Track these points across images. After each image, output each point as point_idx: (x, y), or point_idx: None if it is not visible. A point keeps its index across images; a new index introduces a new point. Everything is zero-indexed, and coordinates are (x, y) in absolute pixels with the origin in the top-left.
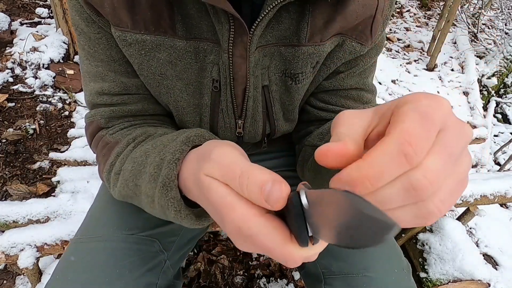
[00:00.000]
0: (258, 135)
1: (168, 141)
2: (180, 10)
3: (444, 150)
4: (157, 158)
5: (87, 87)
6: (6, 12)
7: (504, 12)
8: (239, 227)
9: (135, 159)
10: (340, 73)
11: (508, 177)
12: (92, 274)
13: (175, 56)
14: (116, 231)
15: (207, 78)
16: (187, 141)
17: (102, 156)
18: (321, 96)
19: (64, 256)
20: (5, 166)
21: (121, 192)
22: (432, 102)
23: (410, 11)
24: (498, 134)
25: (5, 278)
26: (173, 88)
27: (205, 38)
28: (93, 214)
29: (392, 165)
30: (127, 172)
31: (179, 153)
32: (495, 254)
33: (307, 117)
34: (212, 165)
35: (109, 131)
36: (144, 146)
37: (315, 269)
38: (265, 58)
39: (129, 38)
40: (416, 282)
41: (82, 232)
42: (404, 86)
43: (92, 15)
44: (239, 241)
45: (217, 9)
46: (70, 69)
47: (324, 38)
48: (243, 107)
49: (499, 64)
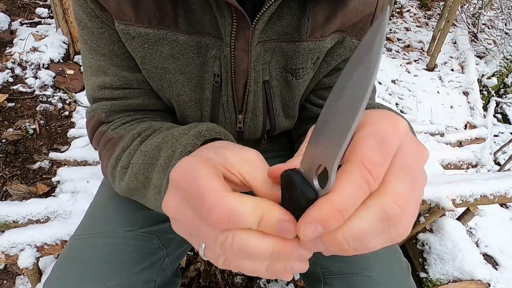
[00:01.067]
0: (258, 131)
1: (179, 135)
2: (183, 4)
3: (407, 174)
4: (169, 151)
5: (88, 81)
6: (6, 12)
7: (504, 12)
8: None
9: (146, 153)
10: (340, 70)
11: (508, 177)
12: (91, 269)
13: (178, 50)
14: (116, 227)
15: (208, 73)
16: (199, 135)
17: (106, 151)
18: (320, 93)
19: (64, 252)
20: (5, 166)
21: (128, 185)
22: (389, 126)
23: (410, 11)
24: (498, 134)
25: (5, 278)
26: (175, 82)
27: (208, 32)
28: (93, 211)
29: (359, 194)
30: (137, 165)
31: (190, 146)
32: (495, 254)
33: (307, 115)
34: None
35: (110, 126)
36: (153, 139)
37: (315, 269)
38: (266, 53)
39: (132, 31)
40: (416, 282)
41: (82, 228)
42: (404, 86)
43: (95, 10)
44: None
45: (221, 3)
46: (70, 69)
47: (325, 34)
48: (243, 101)
49: (499, 64)
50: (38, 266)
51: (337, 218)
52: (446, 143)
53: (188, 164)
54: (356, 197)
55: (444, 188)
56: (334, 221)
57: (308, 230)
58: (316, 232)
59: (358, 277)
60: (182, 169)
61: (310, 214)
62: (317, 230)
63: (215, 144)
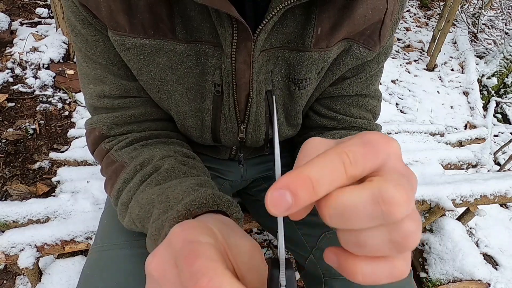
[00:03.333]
0: (260, 140)
1: (173, 200)
2: (180, 11)
3: (401, 174)
4: (159, 221)
5: (86, 90)
6: (6, 12)
7: (504, 12)
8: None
9: (141, 205)
10: (346, 79)
11: (508, 177)
12: (120, 283)
13: (176, 60)
14: (138, 236)
15: (208, 82)
16: (188, 214)
17: (109, 178)
18: (325, 102)
19: (88, 264)
20: (5, 166)
21: (129, 226)
22: (381, 138)
23: (410, 11)
24: (498, 134)
25: (5, 278)
26: (173, 93)
27: (206, 40)
28: (109, 219)
29: (331, 168)
30: (134, 214)
31: (181, 218)
32: (495, 254)
33: (309, 123)
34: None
35: (114, 145)
36: (150, 190)
37: (315, 270)
38: (269, 63)
39: (127, 42)
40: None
41: (102, 239)
42: (404, 86)
43: (88, 17)
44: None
45: (220, 12)
46: (70, 69)
47: (330, 43)
48: (246, 112)
49: (499, 64)
50: (38, 266)
51: (306, 184)
52: (446, 143)
53: (191, 227)
54: (328, 171)
55: (444, 188)
56: (303, 188)
57: (274, 195)
58: (284, 199)
59: None
60: (183, 230)
61: (278, 181)
62: (285, 197)
63: (222, 220)
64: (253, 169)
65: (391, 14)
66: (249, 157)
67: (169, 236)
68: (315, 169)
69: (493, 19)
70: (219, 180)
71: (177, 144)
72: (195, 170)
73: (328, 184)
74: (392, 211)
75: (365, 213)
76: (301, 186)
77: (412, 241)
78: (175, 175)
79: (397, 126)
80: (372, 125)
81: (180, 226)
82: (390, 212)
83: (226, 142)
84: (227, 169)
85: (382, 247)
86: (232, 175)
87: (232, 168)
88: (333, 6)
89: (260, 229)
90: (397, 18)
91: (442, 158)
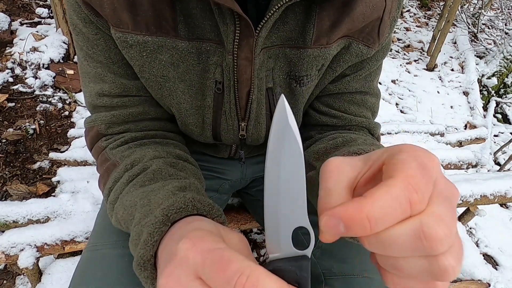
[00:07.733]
0: (261, 137)
1: (154, 204)
2: (182, 9)
3: (446, 202)
4: (139, 226)
5: (86, 88)
6: (6, 12)
7: (504, 12)
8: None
9: (125, 207)
10: (346, 76)
11: (508, 177)
12: (112, 282)
13: (177, 58)
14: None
15: (210, 80)
16: (166, 219)
17: (101, 176)
18: (325, 100)
19: (80, 264)
20: (5, 166)
21: (116, 226)
22: (426, 155)
23: (410, 11)
24: (498, 134)
25: (5, 278)
26: (175, 90)
27: (208, 38)
28: (104, 219)
29: (396, 209)
30: (119, 215)
31: (158, 235)
32: (495, 254)
33: (309, 121)
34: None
35: (109, 144)
36: (135, 192)
37: (315, 270)
38: (270, 60)
39: (130, 39)
40: None
41: (96, 238)
42: (404, 86)
43: (90, 15)
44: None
45: (223, 9)
46: (70, 69)
47: (331, 40)
48: (246, 109)
49: (499, 64)
50: (38, 266)
51: (363, 223)
52: (446, 143)
53: (200, 240)
54: (391, 210)
55: None
56: (358, 225)
57: (330, 222)
58: (338, 228)
59: (359, 279)
60: (194, 245)
61: (337, 208)
62: (338, 227)
63: (209, 220)
64: (253, 168)
65: (389, 12)
66: (249, 156)
67: (181, 254)
68: (377, 207)
69: (493, 19)
70: (218, 180)
71: (172, 145)
72: (183, 172)
73: (388, 223)
74: (433, 246)
75: (406, 246)
76: (357, 224)
77: (450, 275)
78: (161, 177)
79: (397, 126)
80: (371, 124)
81: (190, 242)
82: (431, 248)
83: (227, 139)
84: (226, 168)
85: (420, 275)
86: (231, 174)
87: (232, 167)
88: (333, 4)
89: (260, 229)
90: (395, 16)
91: (442, 158)
